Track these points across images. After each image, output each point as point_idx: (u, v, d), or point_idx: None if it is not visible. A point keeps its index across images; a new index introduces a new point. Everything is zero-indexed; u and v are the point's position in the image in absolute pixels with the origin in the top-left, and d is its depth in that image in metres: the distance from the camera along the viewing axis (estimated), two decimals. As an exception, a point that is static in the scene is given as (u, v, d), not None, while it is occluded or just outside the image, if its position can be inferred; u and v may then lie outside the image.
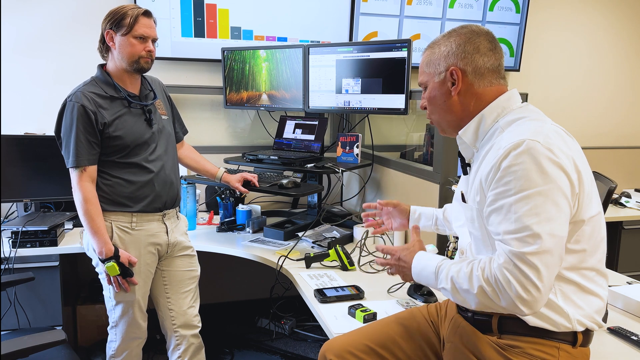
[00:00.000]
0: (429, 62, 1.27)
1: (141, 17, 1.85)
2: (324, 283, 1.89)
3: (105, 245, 1.83)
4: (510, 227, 1.07)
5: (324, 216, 2.63)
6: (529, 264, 1.04)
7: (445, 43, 1.24)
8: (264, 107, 2.84)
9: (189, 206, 2.55)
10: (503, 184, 1.09)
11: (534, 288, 1.04)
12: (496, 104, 1.22)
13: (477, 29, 1.24)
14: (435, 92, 1.26)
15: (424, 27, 3.19)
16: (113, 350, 1.99)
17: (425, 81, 1.29)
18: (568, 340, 1.17)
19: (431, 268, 1.23)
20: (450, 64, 1.22)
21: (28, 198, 2.49)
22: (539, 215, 1.05)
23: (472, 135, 1.25)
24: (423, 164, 2.57)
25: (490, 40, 1.23)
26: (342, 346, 1.40)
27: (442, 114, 1.28)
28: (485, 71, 1.22)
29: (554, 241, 1.06)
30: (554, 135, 1.12)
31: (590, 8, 3.58)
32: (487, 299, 1.10)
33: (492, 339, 1.22)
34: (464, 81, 1.22)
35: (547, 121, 1.18)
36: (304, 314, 2.89)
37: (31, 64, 2.73)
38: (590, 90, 3.69)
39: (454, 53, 1.22)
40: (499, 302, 1.08)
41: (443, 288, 1.19)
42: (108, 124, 1.83)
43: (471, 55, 1.21)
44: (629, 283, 1.83)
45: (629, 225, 3.01)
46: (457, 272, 1.16)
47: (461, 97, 1.23)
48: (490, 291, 1.09)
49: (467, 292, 1.13)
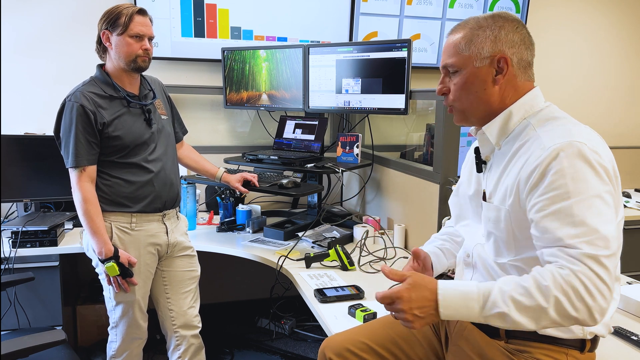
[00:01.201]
0: (469, 43, 1.16)
1: (136, 16, 1.85)
2: (324, 283, 1.89)
3: (105, 245, 1.82)
4: (575, 231, 1.00)
5: (324, 216, 2.63)
6: (605, 267, 0.98)
7: (491, 27, 1.15)
8: (264, 107, 2.84)
9: (189, 206, 2.55)
10: (556, 187, 1.03)
11: (609, 291, 0.98)
12: (524, 101, 1.18)
13: (518, 19, 1.18)
14: (475, 78, 1.16)
15: (424, 27, 3.19)
16: (113, 350, 1.99)
17: (460, 64, 1.18)
18: (576, 347, 1.16)
19: (472, 294, 1.03)
20: (498, 50, 1.14)
21: (28, 198, 2.49)
22: (602, 217, 1.01)
23: (498, 132, 1.19)
24: (423, 164, 2.56)
25: (530, 35, 1.19)
26: (341, 344, 1.40)
27: (475, 102, 1.19)
28: (527, 64, 1.18)
29: (617, 244, 1.03)
30: (596, 137, 1.10)
31: (591, 7, 3.58)
32: (563, 312, 0.98)
33: (500, 344, 1.20)
34: (510, 71, 1.15)
35: (577, 122, 1.15)
36: (304, 314, 2.89)
37: (31, 64, 2.73)
38: (590, 90, 3.69)
39: (502, 40, 1.14)
40: (576, 312, 0.97)
41: (500, 314, 1.01)
42: (107, 124, 1.83)
43: (518, 46, 1.15)
44: (629, 283, 1.83)
45: (629, 225, 2.99)
46: (516, 290, 1.01)
47: (502, 87, 1.17)
48: (566, 302, 0.97)
49: (539, 309, 0.99)
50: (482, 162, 1.26)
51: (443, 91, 1.23)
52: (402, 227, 2.36)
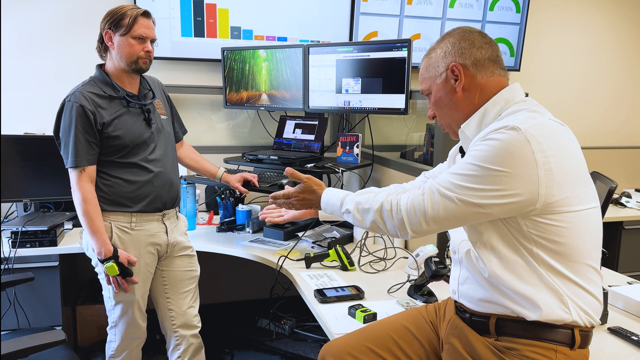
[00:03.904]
0: (427, 67, 1.29)
1: (140, 18, 1.85)
2: (324, 283, 1.89)
3: (105, 245, 1.82)
4: (445, 177, 1.17)
5: (324, 216, 2.63)
6: (433, 198, 1.16)
7: (440, 46, 1.27)
8: (264, 107, 2.84)
9: (189, 206, 2.55)
10: (472, 150, 1.15)
11: (423, 219, 1.18)
12: (499, 97, 1.22)
13: (467, 28, 1.27)
14: (440, 92, 1.27)
15: (424, 27, 3.19)
16: (112, 350, 1.99)
17: (428, 87, 1.30)
18: (566, 342, 1.16)
19: (338, 196, 1.41)
20: (450, 61, 1.24)
21: (28, 198, 2.49)
22: (475, 184, 1.12)
23: (475, 129, 1.24)
24: (423, 164, 2.56)
25: (483, 36, 1.26)
26: (341, 348, 1.40)
27: (450, 113, 1.28)
28: (485, 62, 1.23)
29: (466, 202, 1.13)
30: (541, 126, 1.12)
31: (591, 8, 3.58)
32: (382, 218, 1.25)
33: (490, 341, 1.21)
34: (466, 75, 1.23)
35: (545, 115, 1.18)
36: (304, 314, 2.89)
37: (31, 64, 2.73)
38: (590, 90, 3.68)
39: (450, 52, 1.24)
40: (395, 222, 1.23)
41: (347, 210, 1.34)
42: (107, 124, 1.83)
43: (468, 50, 1.23)
44: (629, 283, 1.83)
45: (629, 225, 3.00)
46: (362, 197, 1.32)
47: (466, 91, 1.24)
48: (389, 210, 1.23)
49: (366, 211, 1.29)
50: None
51: (432, 114, 1.34)
52: (402, 227, 2.36)
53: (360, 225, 1.33)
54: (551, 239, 1.13)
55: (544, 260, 1.14)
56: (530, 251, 1.15)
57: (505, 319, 1.19)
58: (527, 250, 1.15)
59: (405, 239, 1.29)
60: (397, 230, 1.24)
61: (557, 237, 1.13)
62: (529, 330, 1.17)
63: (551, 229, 1.13)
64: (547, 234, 1.13)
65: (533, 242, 1.14)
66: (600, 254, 1.22)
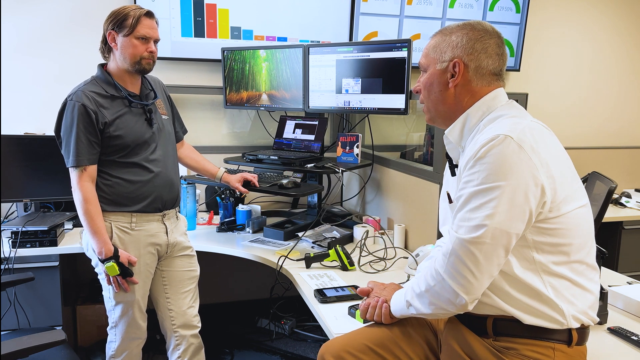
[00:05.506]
0: (435, 47, 1.27)
1: (143, 18, 1.85)
2: (324, 283, 1.89)
3: (105, 245, 1.82)
4: (463, 216, 1.13)
5: (324, 216, 2.63)
6: (468, 252, 1.10)
7: (457, 33, 1.25)
8: (264, 107, 2.84)
9: (189, 206, 2.55)
10: (470, 174, 1.13)
11: (471, 275, 1.11)
12: (481, 103, 1.24)
13: (491, 29, 1.25)
14: (434, 79, 1.27)
15: (424, 27, 3.19)
16: (113, 350, 1.99)
17: (427, 65, 1.29)
18: (563, 340, 1.17)
19: (401, 294, 1.31)
20: (456, 55, 1.24)
21: (28, 198, 2.49)
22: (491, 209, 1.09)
23: (458, 135, 1.26)
24: (423, 164, 2.56)
25: (499, 45, 1.25)
26: (340, 346, 1.40)
27: (435, 102, 1.29)
28: (486, 72, 1.24)
29: (496, 234, 1.09)
30: (529, 131, 1.13)
31: (591, 7, 3.58)
32: (434, 296, 1.17)
33: (487, 341, 1.21)
34: (464, 76, 1.24)
35: (527, 117, 1.19)
36: (304, 314, 2.89)
37: (32, 64, 2.73)
38: (590, 90, 3.68)
39: (462, 46, 1.23)
40: (445, 293, 1.15)
41: (407, 302, 1.26)
42: (109, 124, 1.83)
43: (478, 54, 1.23)
44: (629, 283, 1.83)
45: (629, 225, 3.00)
46: (413, 282, 1.23)
47: (457, 90, 1.25)
48: (434, 285, 1.16)
49: (420, 295, 1.21)
50: (455, 165, 1.32)
51: (417, 89, 1.33)
52: (402, 227, 2.36)
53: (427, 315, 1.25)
54: (551, 242, 1.14)
55: (543, 264, 1.15)
56: (529, 256, 1.15)
57: (502, 320, 1.20)
58: (526, 256, 1.16)
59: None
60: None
61: (556, 238, 1.14)
62: (526, 330, 1.17)
63: (551, 232, 1.14)
64: (548, 238, 1.14)
65: (534, 248, 1.15)
66: (595, 249, 1.23)
